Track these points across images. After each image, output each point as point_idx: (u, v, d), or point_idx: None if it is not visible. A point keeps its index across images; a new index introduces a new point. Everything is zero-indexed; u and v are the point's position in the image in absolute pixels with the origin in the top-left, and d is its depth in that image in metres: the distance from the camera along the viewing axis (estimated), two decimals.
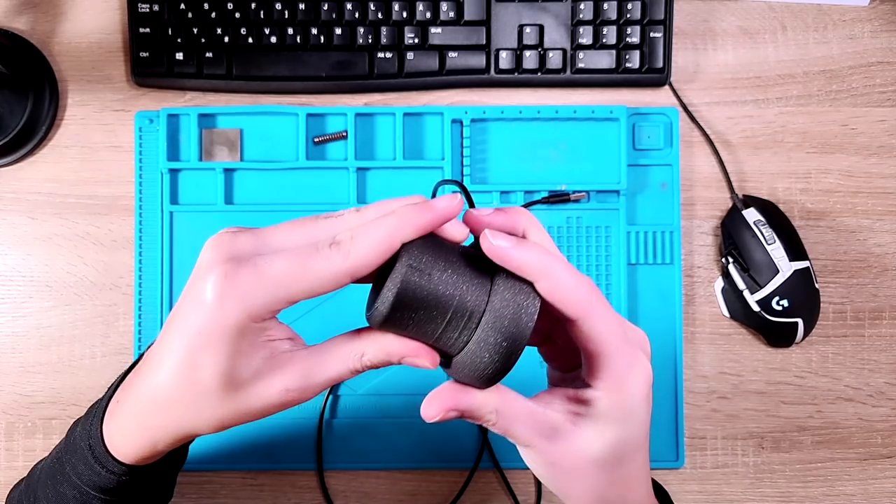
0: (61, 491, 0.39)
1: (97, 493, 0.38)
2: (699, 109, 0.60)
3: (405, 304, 0.30)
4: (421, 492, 0.58)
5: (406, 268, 0.29)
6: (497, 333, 0.30)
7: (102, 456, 0.37)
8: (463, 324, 0.30)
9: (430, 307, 0.30)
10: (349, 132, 0.58)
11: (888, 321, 0.59)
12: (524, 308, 0.30)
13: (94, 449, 0.37)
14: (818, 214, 0.59)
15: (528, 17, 0.58)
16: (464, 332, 0.30)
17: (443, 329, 0.30)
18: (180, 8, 0.57)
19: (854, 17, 0.60)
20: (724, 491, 0.58)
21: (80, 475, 0.38)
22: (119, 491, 0.38)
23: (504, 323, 0.30)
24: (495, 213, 0.32)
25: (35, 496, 0.41)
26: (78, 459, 0.38)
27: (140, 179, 0.58)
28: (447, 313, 0.30)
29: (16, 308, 0.58)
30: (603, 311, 0.31)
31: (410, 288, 0.29)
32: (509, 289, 0.30)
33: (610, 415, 0.33)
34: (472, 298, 0.30)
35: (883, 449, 0.59)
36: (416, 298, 0.30)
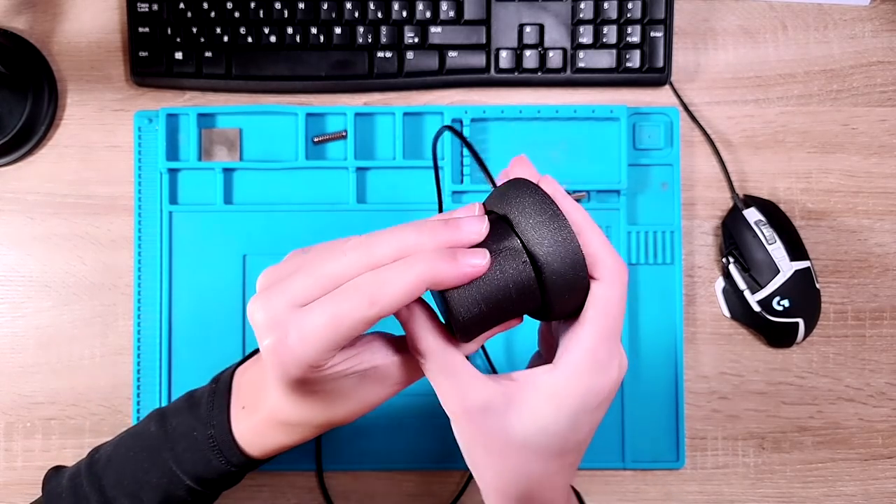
0: (143, 478, 0.40)
1: (190, 481, 0.40)
2: (700, 109, 0.60)
3: (470, 328, 0.31)
4: (421, 493, 0.58)
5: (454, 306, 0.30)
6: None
7: (228, 448, 0.39)
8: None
9: (493, 309, 0.30)
10: (349, 132, 0.58)
11: (889, 321, 0.59)
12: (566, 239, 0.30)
13: (219, 439, 0.39)
14: (819, 214, 0.59)
15: (529, 17, 0.58)
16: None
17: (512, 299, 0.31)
18: (179, 7, 0.57)
19: (855, 16, 0.60)
20: (724, 491, 0.58)
21: (183, 463, 0.40)
22: (215, 482, 0.41)
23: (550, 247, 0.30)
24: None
25: (100, 484, 0.41)
26: (184, 448, 0.40)
27: (139, 179, 0.58)
28: (508, 298, 0.30)
29: (15, 308, 0.58)
30: (622, 290, 0.31)
31: (468, 318, 0.30)
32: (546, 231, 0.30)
33: (552, 399, 0.32)
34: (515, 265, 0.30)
35: (884, 449, 0.58)
36: (477, 317, 0.30)
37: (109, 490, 0.41)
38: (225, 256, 0.58)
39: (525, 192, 0.30)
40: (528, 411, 0.32)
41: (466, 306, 0.30)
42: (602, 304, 0.31)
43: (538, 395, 0.32)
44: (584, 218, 0.32)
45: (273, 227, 0.58)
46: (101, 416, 0.58)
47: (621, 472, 0.58)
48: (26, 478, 0.58)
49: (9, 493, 0.58)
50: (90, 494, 0.41)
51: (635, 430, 0.57)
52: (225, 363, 0.57)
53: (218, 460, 0.40)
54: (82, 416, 0.58)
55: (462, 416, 0.32)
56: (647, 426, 0.57)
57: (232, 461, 0.40)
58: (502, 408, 0.32)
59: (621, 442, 0.57)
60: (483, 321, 0.31)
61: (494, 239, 0.30)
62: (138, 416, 0.57)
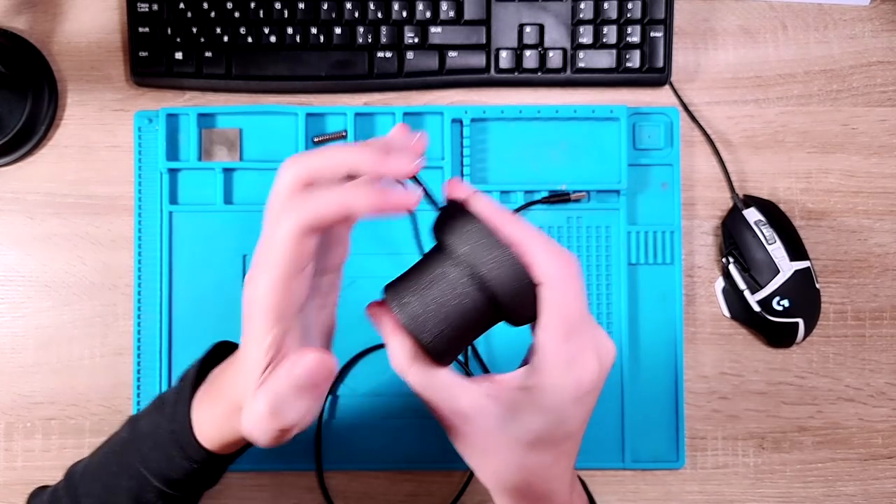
0: (113, 483, 0.40)
1: (158, 483, 0.39)
2: (700, 109, 0.60)
3: (441, 352, 0.32)
4: (420, 492, 0.58)
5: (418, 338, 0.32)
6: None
7: (187, 441, 0.38)
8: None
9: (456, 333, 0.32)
10: (349, 132, 0.58)
11: (889, 321, 0.59)
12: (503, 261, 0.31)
13: (179, 433, 0.39)
14: (819, 214, 0.59)
15: (529, 17, 0.58)
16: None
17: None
18: (179, 7, 0.57)
19: (855, 16, 0.60)
20: (724, 491, 0.58)
21: (149, 462, 0.39)
22: (182, 483, 0.39)
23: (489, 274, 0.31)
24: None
25: (76, 494, 0.41)
26: (150, 447, 0.39)
27: (139, 179, 0.58)
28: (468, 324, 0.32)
29: (15, 308, 0.58)
30: (572, 286, 0.31)
31: (435, 343, 0.31)
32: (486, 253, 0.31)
33: (533, 400, 0.32)
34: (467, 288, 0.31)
35: (883, 449, 0.58)
36: (444, 340, 0.31)
37: (84, 500, 0.41)
38: (225, 256, 0.58)
39: (459, 216, 0.31)
40: (512, 411, 0.32)
41: (430, 331, 0.31)
42: (551, 306, 0.31)
43: (519, 395, 0.32)
44: (518, 227, 0.31)
45: None
46: (101, 416, 0.58)
47: (621, 472, 0.58)
48: (26, 478, 0.58)
49: (9, 493, 0.58)
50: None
51: (635, 429, 0.57)
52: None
53: (180, 456, 0.39)
54: (82, 416, 0.58)
55: (452, 422, 0.33)
56: (646, 426, 0.57)
57: (193, 456, 0.39)
58: (488, 410, 0.33)
59: (621, 442, 0.57)
60: (451, 342, 0.32)
61: (440, 263, 0.32)
62: None
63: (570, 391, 0.32)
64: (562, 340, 0.31)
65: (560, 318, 0.31)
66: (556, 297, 0.31)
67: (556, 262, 0.31)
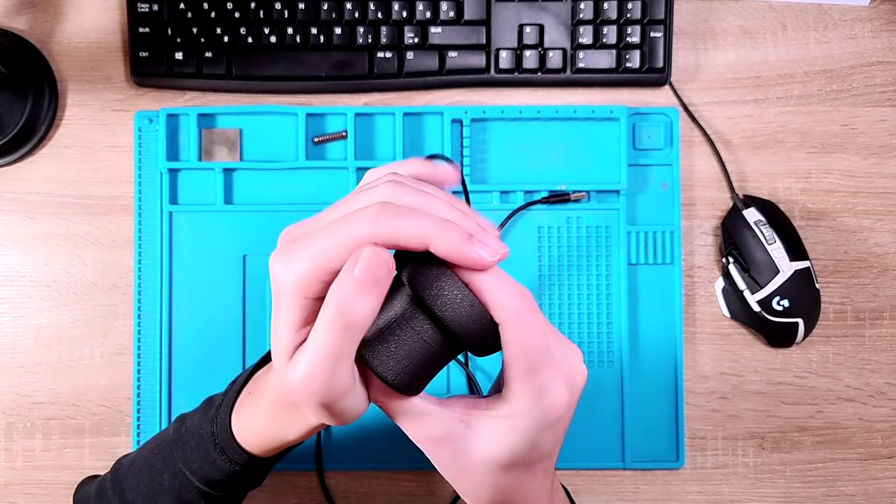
0: (157, 480, 0.40)
1: (200, 484, 0.40)
2: (699, 109, 0.60)
3: (407, 386, 0.32)
4: (421, 492, 0.58)
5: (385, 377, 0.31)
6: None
7: (227, 444, 0.39)
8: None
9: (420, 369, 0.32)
10: (349, 132, 0.58)
11: (889, 321, 0.59)
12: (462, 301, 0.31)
13: (219, 436, 0.39)
14: (819, 214, 0.59)
15: (528, 17, 0.58)
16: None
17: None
18: (180, 8, 0.57)
19: (854, 16, 0.60)
20: (724, 491, 0.58)
21: (191, 463, 0.40)
22: (224, 484, 0.40)
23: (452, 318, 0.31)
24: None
25: (121, 487, 0.42)
26: (192, 448, 0.40)
27: (139, 179, 0.58)
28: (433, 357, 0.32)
29: (15, 308, 0.58)
30: (530, 323, 0.31)
31: (399, 379, 0.31)
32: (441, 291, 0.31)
33: (505, 427, 0.32)
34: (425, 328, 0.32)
35: (883, 449, 0.58)
36: (408, 375, 0.31)
37: (129, 493, 0.41)
38: (225, 256, 0.58)
39: (417, 254, 0.31)
40: (486, 436, 0.33)
41: (393, 369, 0.31)
42: (512, 344, 0.31)
43: (492, 422, 0.33)
44: (466, 255, 0.31)
45: (273, 227, 0.58)
46: (102, 415, 0.58)
47: (621, 472, 0.58)
48: (27, 478, 0.58)
49: (9, 493, 0.58)
50: (112, 499, 0.42)
51: (635, 430, 0.57)
52: (225, 363, 0.57)
53: (221, 458, 0.39)
54: (83, 415, 0.58)
55: (426, 446, 0.34)
56: (646, 426, 0.57)
57: (234, 458, 0.39)
58: (462, 434, 0.33)
59: (621, 442, 0.57)
60: (416, 376, 0.32)
61: (401, 301, 0.32)
62: (138, 417, 0.57)
63: (541, 420, 0.32)
64: (527, 376, 0.32)
65: (522, 355, 0.31)
66: (517, 335, 0.31)
67: (511, 300, 0.30)
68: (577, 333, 0.58)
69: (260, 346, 0.57)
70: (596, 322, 0.58)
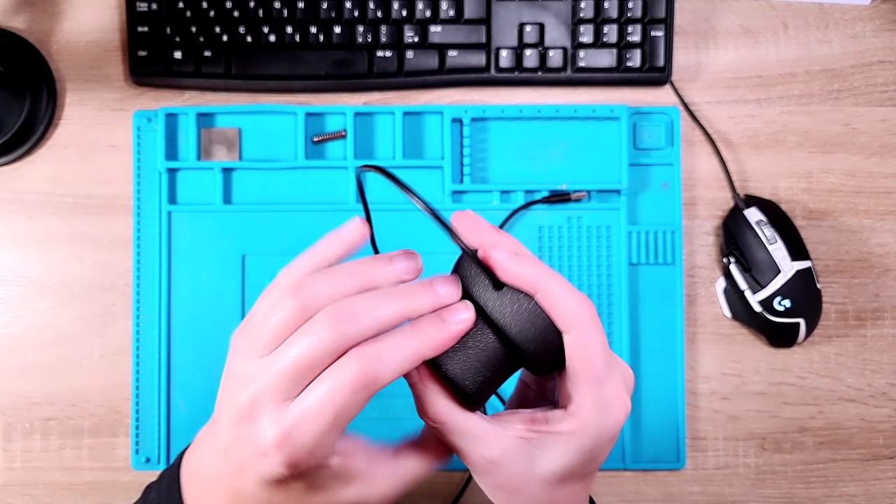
0: None
1: None
2: (700, 108, 0.59)
3: (479, 397, 0.32)
4: (420, 492, 0.57)
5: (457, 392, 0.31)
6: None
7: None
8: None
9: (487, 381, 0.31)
10: (348, 131, 0.58)
11: (890, 321, 0.59)
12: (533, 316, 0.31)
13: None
14: (820, 214, 0.59)
15: (529, 16, 0.58)
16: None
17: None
18: (179, 7, 0.57)
19: (856, 16, 0.60)
20: (725, 492, 0.58)
21: None
22: None
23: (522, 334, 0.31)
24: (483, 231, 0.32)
25: None
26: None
27: (138, 179, 0.58)
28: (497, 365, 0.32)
29: (13, 308, 0.58)
30: (594, 332, 0.31)
31: (475, 389, 0.31)
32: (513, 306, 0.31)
33: (571, 443, 0.32)
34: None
35: (885, 450, 0.58)
36: (483, 386, 0.31)
37: None
38: (224, 256, 0.57)
39: (476, 271, 0.31)
40: (549, 454, 0.32)
41: (472, 379, 0.31)
42: (580, 355, 0.31)
43: (555, 439, 0.32)
44: (537, 273, 0.31)
45: (273, 227, 0.58)
46: (100, 416, 0.57)
47: (622, 473, 0.58)
48: (25, 478, 0.57)
49: (8, 494, 0.57)
50: None
51: (636, 430, 0.57)
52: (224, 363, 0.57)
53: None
54: (81, 416, 0.58)
55: (482, 468, 0.33)
56: (647, 427, 0.57)
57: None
58: (522, 454, 0.32)
59: (622, 442, 0.57)
60: (487, 390, 0.32)
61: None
62: (137, 417, 0.57)
63: (606, 433, 0.32)
64: (595, 388, 0.31)
65: (590, 367, 0.31)
66: (584, 345, 0.31)
67: (577, 308, 0.30)
68: None
69: None
70: None
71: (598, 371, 0.31)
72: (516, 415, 0.33)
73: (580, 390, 0.31)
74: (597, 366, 0.31)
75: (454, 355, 0.31)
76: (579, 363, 0.31)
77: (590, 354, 0.31)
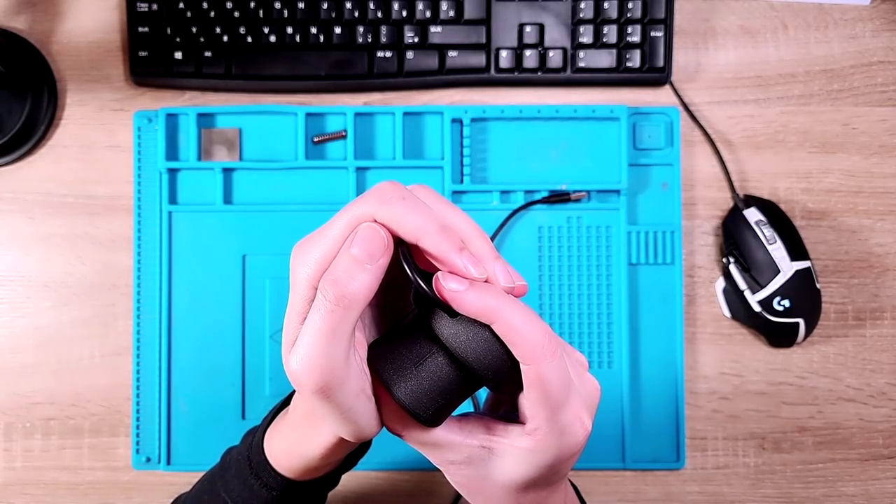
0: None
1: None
2: (700, 109, 0.59)
3: (434, 420, 0.32)
4: (420, 492, 0.58)
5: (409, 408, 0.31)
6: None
7: (261, 466, 0.38)
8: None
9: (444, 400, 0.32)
10: (348, 131, 0.58)
11: (889, 321, 0.59)
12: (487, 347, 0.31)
13: (254, 460, 0.38)
14: (819, 214, 0.59)
15: (529, 16, 0.58)
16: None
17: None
18: (179, 7, 0.57)
19: (855, 16, 0.60)
20: (725, 492, 0.58)
21: (231, 491, 0.39)
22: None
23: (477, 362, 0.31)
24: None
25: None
26: (232, 475, 0.39)
27: (139, 179, 0.58)
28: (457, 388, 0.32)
29: (14, 308, 0.58)
30: (551, 362, 0.30)
31: (430, 415, 0.31)
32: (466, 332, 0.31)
33: (528, 458, 0.32)
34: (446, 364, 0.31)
35: (884, 450, 0.58)
36: (437, 410, 0.32)
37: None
38: (225, 256, 0.58)
39: (437, 301, 0.31)
40: (508, 465, 0.33)
41: (426, 407, 0.31)
42: (534, 384, 0.31)
43: (514, 451, 0.32)
44: (493, 304, 0.30)
45: (273, 227, 0.58)
46: (101, 416, 0.58)
47: (621, 473, 0.58)
48: (26, 478, 0.58)
49: (9, 494, 0.57)
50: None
51: (635, 430, 0.57)
52: (224, 363, 0.57)
53: (257, 483, 0.38)
54: (81, 416, 0.58)
55: (446, 468, 0.34)
56: (647, 426, 0.57)
57: (269, 483, 0.38)
58: (483, 461, 0.33)
59: (621, 442, 0.57)
60: (442, 412, 0.32)
61: (425, 342, 0.32)
62: (137, 417, 0.57)
63: (568, 453, 0.32)
64: (552, 415, 0.31)
65: (546, 397, 0.31)
66: (540, 377, 0.30)
67: (534, 340, 0.30)
68: (577, 334, 0.58)
69: (259, 346, 0.57)
70: (596, 322, 0.58)
71: (554, 401, 0.31)
72: (480, 423, 0.33)
73: (537, 415, 0.31)
74: (553, 395, 0.31)
75: (409, 384, 0.31)
76: (535, 394, 0.31)
77: (546, 385, 0.30)
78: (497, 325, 0.30)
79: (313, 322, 0.29)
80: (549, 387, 0.30)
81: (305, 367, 0.29)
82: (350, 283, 0.29)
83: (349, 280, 0.29)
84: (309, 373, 0.29)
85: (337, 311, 0.29)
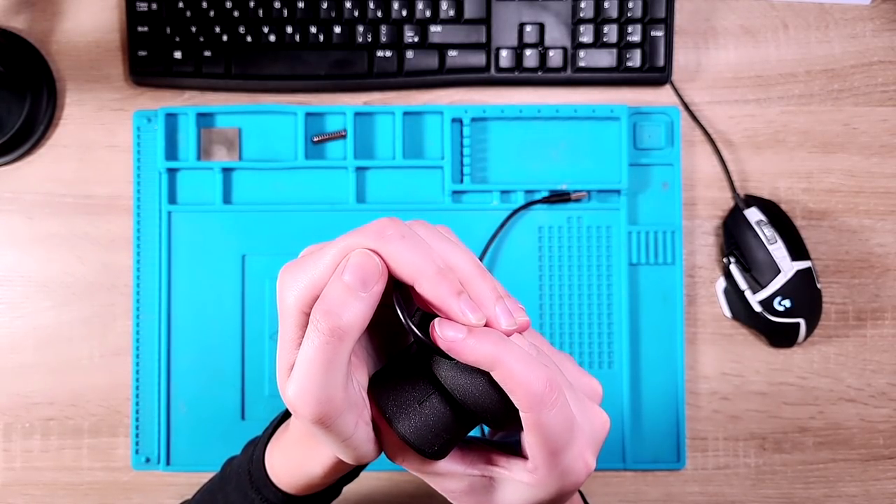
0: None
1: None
2: (701, 108, 0.59)
3: (438, 455, 0.32)
4: (421, 493, 0.57)
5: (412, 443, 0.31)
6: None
7: (262, 482, 0.38)
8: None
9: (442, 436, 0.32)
10: (348, 131, 0.58)
11: (890, 321, 0.59)
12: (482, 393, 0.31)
13: (254, 474, 0.38)
14: (820, 214, 0.59)
15: (529, 16, 0.58)
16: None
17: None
18: (178, 7, 0.57)
19: (856, 15, 0.60)
20: (725, 492, 0.58)
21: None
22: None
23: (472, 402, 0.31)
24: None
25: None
26: (232, 489, 0.39)
27: (138, 179, 0.58)
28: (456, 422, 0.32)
29: (13, 308, 0.58)
30: (551, 410, 0.30)
31: (435, 451, 0.31)
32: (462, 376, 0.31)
33: (528, 492, 0.32)
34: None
35: (885, 450, 0.58)
36: (442, 447, 0.31)
37: None
38: (224, 256, 0.57)
39: (434, 349, 0.31)
40: (510, 494, 0.33)
41: (430, 443, 0.31)
42: (534, 431, 0.30)
43: (515, 484, 0.32)
44: (493, 352, 0.29)
45: (272, 226, 0.58)
46: (100, 416, 0.57)
47: (622, 473, 0.58)
48: (25, 478, 0.57)
49: (8, 494, 0.57)
50: None
51: (636, 430, 0.57)
52: (224, 364, 0.57)
53: (257, 498, 0.38)
54: (81, 416, 0.57)
55: (447, 496, 0.34)
56: (647, 427, 0.57)
57: (269, 498, 0.38)
58: (485, 487, 0.33)
59: (622, 442, 0.57)
60: (446, 447, 0.32)
61: (425, 382, 0.32)
62: (137, 417, 0.57)
63: (569, 489, 0.32)
64: (552, 458, 0.31)
65: (546, 443, 0.30)
66: (540, 425, 0.30)
67: (534, 389, 0.29)
68: (577, 334, 0.57)
69: (259, 346, 0.57)
70: (597, 322, 0.58)
71: (555, 445, 0.30)
72: (482, 452, 0.33)
73: (537, 455, 0.31)
74: (553, 441, 0.30)
75: (412, 420, 0.31)
76: (535, 440, 0.30)
77: (546, 431, 0.30)
78: (496, 372, 0.29)
79: (307, 353, 0.28)
80: (549, 433, 0.30)
81: (303, 399, 0.29)
82: (343, 312, 0.28)
83: (342, 310, 0.28)
84: (307, 404, 0.29)
85: (332, 343, 0.28)
